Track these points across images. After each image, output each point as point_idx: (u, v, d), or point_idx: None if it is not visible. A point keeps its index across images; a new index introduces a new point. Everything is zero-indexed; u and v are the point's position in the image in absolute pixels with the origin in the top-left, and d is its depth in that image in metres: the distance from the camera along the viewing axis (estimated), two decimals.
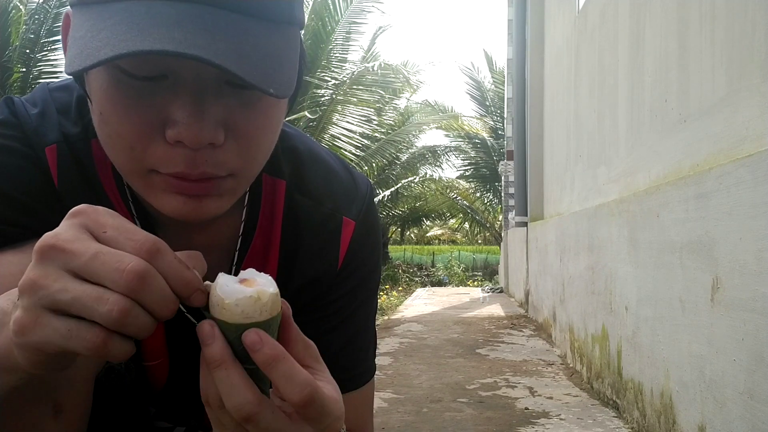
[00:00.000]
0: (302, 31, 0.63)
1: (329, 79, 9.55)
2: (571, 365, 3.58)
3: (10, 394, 0.57)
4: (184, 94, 0.56)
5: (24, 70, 8.39)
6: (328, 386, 0.54)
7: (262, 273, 0.51)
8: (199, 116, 0.55)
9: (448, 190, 15.83)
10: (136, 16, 0.52)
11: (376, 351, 0.89)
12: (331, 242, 0.79)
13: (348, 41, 10.05)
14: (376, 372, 0.88)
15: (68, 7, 0.62)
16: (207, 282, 0.50)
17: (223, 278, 0.50)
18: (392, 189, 13.88)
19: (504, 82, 9.65)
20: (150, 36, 0.51)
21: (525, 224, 6.18)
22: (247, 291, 0.49)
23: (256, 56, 0.54)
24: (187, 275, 0.48)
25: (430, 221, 21.15)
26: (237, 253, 0.75)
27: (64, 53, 0.63)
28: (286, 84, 0.56)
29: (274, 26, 0.57)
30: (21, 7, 8.56)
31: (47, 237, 0.47)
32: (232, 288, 0.49)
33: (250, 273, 0.51)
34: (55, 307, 0.46)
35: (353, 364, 0.81)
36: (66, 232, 0.47)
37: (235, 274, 0.75)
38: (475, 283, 12.30)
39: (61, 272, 0.46)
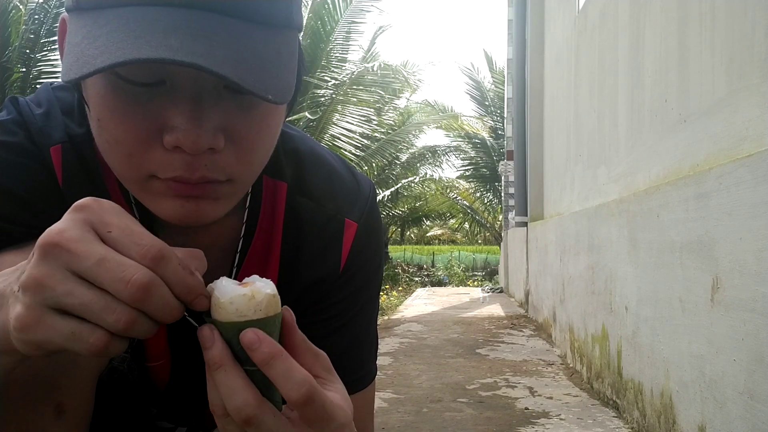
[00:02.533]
0: (300, 34, 0.63)
1: (329, 79, 9.55)
2: (571, 365, 3.58)
3: (12, 393, 0.57)
4: (182, 100, 0.56)
5: (24, 70, 8.39)
6: (334, 393, 0.53)
7: (264, 278, 0.52)
8: (197, 122, 0.55)
9: (448, 190, 15.84)
10: (131, 22, 0.52)
11: (377, 352, 0.89)
12: (333, 244, 0.78)
13: (348, 41, 10.05)
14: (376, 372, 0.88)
15: (64, 11, 0.61)
16: (210, 285, 0.51)
17: (222, 280, 0.51)
18: (392, 189, 13.88)
19: (504, 82, 9.65)
20: (147, 44, 0.51)
21: (525, 224, 6.18)
22: (242, 290, 0.50)
23: (253, 62, 0.54)
24: (190, 281, 0.48)
25: (430, 221, 21.15)
26: (238, 254, 0.75)
27: (61, 58, 0.63)
28: (284, 89, 0.55)
29: (272, 30, 0.57)
30: (21, 7, 8.56)
31: (51, 233, 0.47)
32: (228, 288, 0.50)
33: (252, 278, 0.52)
34: (60, 307, 0.46)
35: (355, 366, 0.80)
36: (70, 229, 0.47)
37: (236, 276, 0.76)
38: (475, 283, 12.29)
39: (65, 273, 0.46)
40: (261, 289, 0.50)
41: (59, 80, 0.77)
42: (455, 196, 15.65)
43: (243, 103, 0.58)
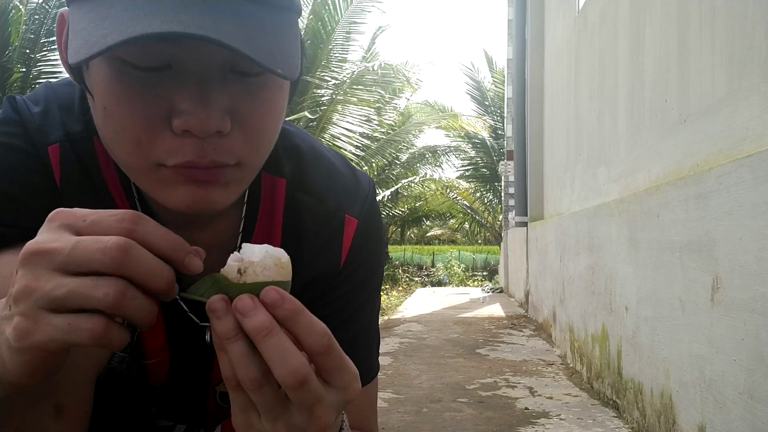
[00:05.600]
0: (299, 18, 0.64)
1: (329, 79, 9.56)
2: (571, 365, 3.58)
3: (10, 394, 0.57)
4: (189, 83, 0.56)
5: (24, 70, 8.40)
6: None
7: (256, 245, 0.52)
8: (205, 104, 0.56)
9: (448, 190, 15.84)
10: (139, 2, 0.52)
11: (379, 350, 0.89)
12: (333, 240, 0.78)
13: (348, 41, 10.05)
14: None
15: (64, 8, 0.61)
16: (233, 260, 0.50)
17: (246, 247, 0.51)
18: (392, 189, 13.88)
19: (504, 82, 9.65)
20: (156, 19, 0.51)
21: (525, 224, 6.18)
22: (273, 251, 0.50)
23: (262, 38, 0.54)
24: (174, 237, 0.49)
25: (430, 221, 21.16)
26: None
27: (60, 52, 0.63)
28: (293, 66, 0.56)
29: (277, 11, 0.58)
30: (21, 7, 8.56)
31: (28, 244, 0.47)
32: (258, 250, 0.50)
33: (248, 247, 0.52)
34: (53, 306, 0.46)
35: (356, 362, 0.80)
36: (44, 234, 0.48)
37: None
38: (475, 283, 12.29)
39: (50, 272, 0.46)
40: (279, 255, 0.51)
41: (60, 78, 0.77)
42: (455, 196, 15.65)
43: (249, 86, 0.59)
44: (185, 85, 0.56)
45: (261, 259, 0.49)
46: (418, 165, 15.30)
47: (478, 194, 15.21)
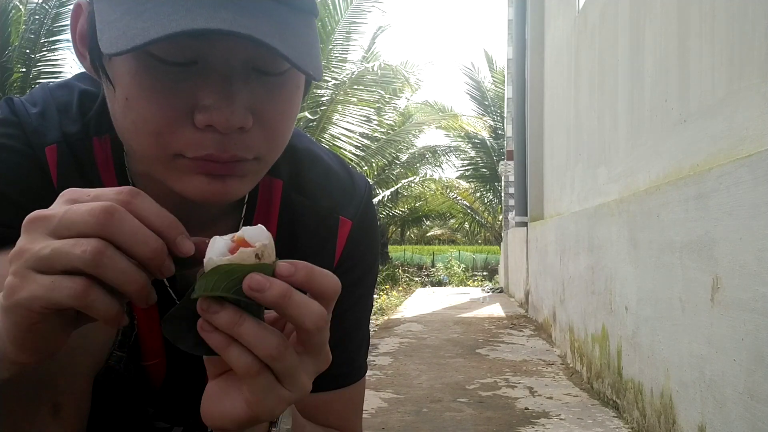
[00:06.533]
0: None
1: (329, 79, 9.56)
2: (571, 365, 3.58)
3: (8, 393, 0.57)
4: (214, 79, 0.57)
5: (24, 70, 8.41)
6: None
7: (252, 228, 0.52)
8: (230, 100, 0.57)
9: (448, 190, 15.84)
10: None
11: (369, 351, 0.89)
12: (327, 241, 0.79)
13: (348, 41, 10.06)
14: (376, 372, 0.87)
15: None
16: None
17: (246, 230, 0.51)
18: (392, 189, 13.89)
19: (504, 82, 9.65)
20: (199, 16, 0.52)
21: (525, 224, 6.18)
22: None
23: (294, 39, 0.56)
24: (168, 216, 0.49)
25: (430, 221, 21.17)
26: None
27: (73, 41, 0.63)
28: (318, 67, 0.58)
29: (302, 14, 0.59)
30: (21, 7, 8.57)
31: (32, 213, 0.49)
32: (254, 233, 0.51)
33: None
34: (39, 265, 0.47)
35: (344, 362, 0.80)
36: (51, 206, 0.50)
37: None
38: (475, 283, 12.29)
39: (44, 236, 0.48)
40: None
41: (58, 80, 0.77)
42: (455, 196, 15.65)
43: (269, 85, 0.60)
44: (210, 81, 0.57)
45: (269, 240, 0.51)
46: (418, 165, 15.31)
47: (478, 194, 15.21)
